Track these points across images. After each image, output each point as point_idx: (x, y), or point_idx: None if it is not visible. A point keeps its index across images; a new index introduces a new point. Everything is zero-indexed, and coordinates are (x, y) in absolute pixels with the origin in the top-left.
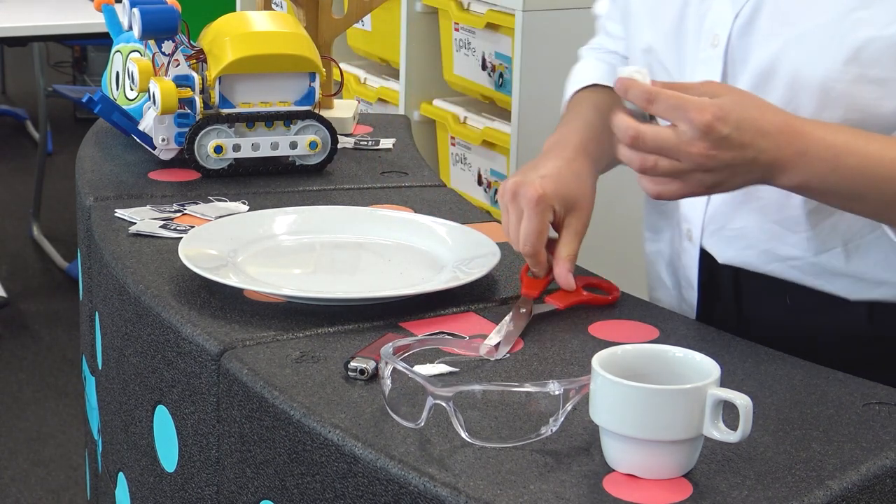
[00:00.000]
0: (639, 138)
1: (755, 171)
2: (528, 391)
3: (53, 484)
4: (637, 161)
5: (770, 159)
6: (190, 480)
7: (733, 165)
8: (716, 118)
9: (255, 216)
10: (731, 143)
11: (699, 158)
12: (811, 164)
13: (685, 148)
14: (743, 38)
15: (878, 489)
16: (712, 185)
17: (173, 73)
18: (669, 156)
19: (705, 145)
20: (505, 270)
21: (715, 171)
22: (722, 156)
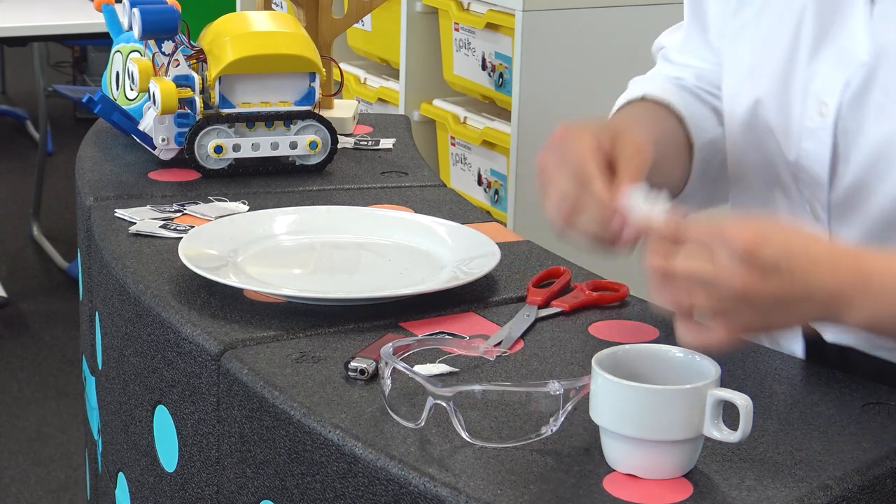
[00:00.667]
0: (670, 275)
1: (811, 307)
2: (528, 391)
3: (53, 484)
4: (672, 299)
5: (828, 294)
6: (190, 480)
7: (784, 301)
8: (758, 239)
9: (255, 216)
10: (779, 271)
11: (742, 290)
12: (878, 296)
13: (725, 279)
14: (855, 110)
15: (878, 489)
16: (761, 326)
17: (173, 73)
18: (707, 291)
19: (748, 273)
20: (505, 270)
21: (762, 309)
22: (768, 287)
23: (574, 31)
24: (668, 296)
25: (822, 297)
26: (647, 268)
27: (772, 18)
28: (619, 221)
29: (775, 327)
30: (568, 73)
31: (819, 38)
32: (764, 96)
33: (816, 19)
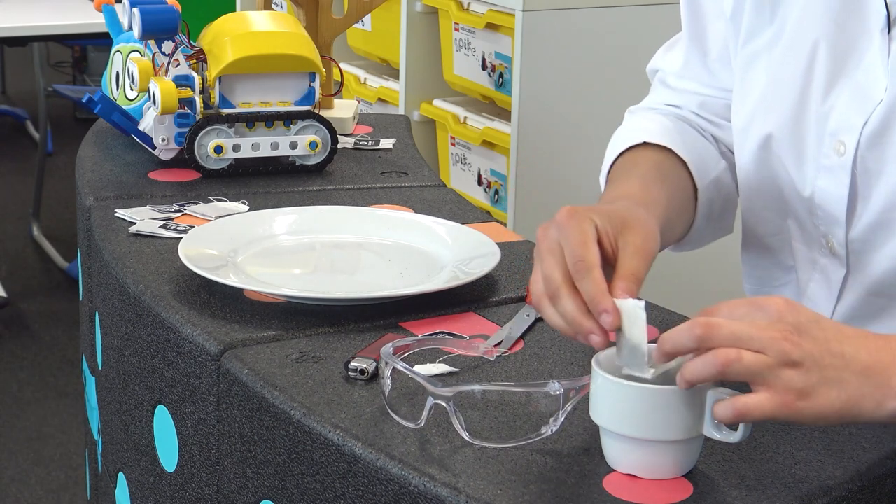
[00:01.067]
0: (714, 327)
1: (849, 379)
2: (528, 391)
3: (53, 484)
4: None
5: (864, 367)
6: (190, 480)
7: (822, 365)
8: (787, 304)
9: (255, 216)
10: (812, 333)
11: (783, 343)
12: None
13: (765, 333)
14: (875, 149)
15: (878, 489)
16: (804, 388)
17: (173, 73)
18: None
19: (784, 328)
20: (505, 270)
21: (804, 368)
22: (806, 344)
23: (574, 31)
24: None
25: (859, 369)
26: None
27: (784, 50)
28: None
29: (818, 399)
30: (568, 73)
31: (834, 73)
32: (776, 131)
33: (831, 53)
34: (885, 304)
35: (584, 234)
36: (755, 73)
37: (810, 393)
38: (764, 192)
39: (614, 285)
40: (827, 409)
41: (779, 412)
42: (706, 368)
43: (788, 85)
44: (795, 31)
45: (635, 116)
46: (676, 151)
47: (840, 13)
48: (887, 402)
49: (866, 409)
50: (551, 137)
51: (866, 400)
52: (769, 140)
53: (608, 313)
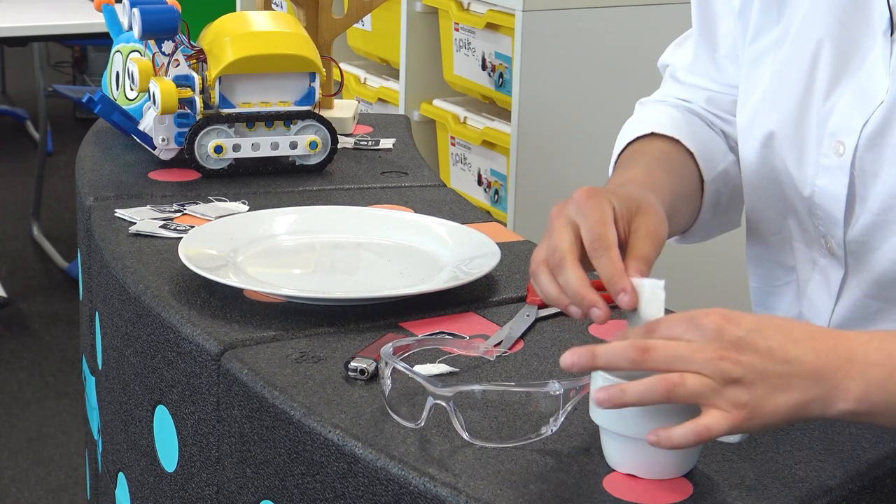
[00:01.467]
0: (649, 351)
1: (795, 384)
2: (528, 391)
3: (53, 484)
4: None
5: (812, 369)
6: (190, 480)
7: (765, 375)
8: (725, 319)
9: (255, 216)
10: (752, 346)
11: (721, 363)
12: (864, 372)
13: (701, 355)
14: (872, 150)
15: (878, 489)
16: (752, 402)
17: (173, 73)
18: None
19: (721, 347)
20: (505, 270)
21: (746, 383)
22: (745, 359)
23: (574, 31)
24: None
25: (806, 372)
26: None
27: (789, 49)
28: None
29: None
30: (568, 73)
31: (836, 74)
32: (778, 129)
33: (834, 53)
34: (882, 306)
35: (604, 214)
36: (761, 70)
37: (758, 405)
38: (765, 190)
39: (627, 265)
40: (776, 416)
41: (733, 428)
42: (650, 394)
43: (792, 84)
44: (800, 31)
45: (645, 108)
46: (684, 142)
47: (844, 14)
48: (835, 404)
49: (815, 411)
50: (551, 137)
51: (815, 403)
52: (771, 138)
53: (626, 293)
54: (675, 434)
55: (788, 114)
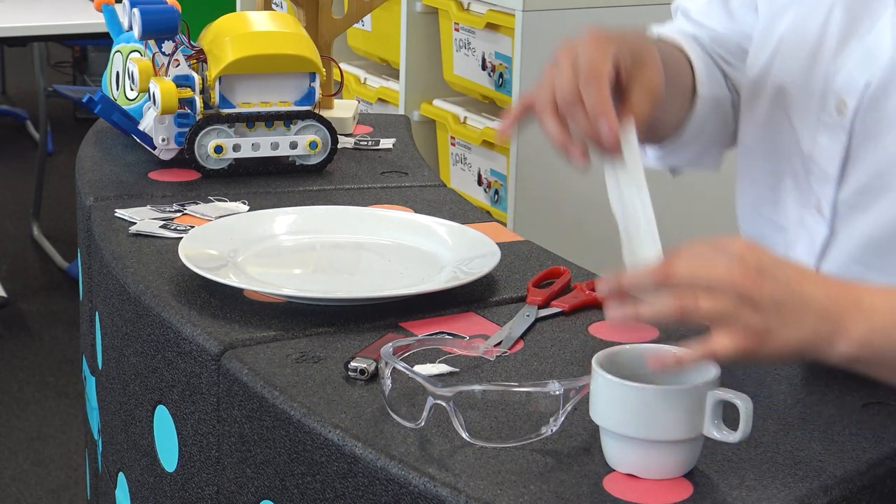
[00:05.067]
0: (672, 271)
1: (811, 320)
2: (528, 391)
3: (53, 484)
4: (675, 303)
5: (822, 307)
6: (190, 480)
7: (781, 304)
8: (749, 247)
9: (255, 216)
10: (773, 276)
11: (742, 287)
12: (870, 317)
13: (724, 278)
14: (873, 112)
15: (878, 489)
16: (763, 330)
17: (173, 73)
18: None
19: (745, 272)
20: (505, 270)
21: (763, 309)
22: (766, 287)
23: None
24: (671, 299)
25: (817, 310)
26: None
27: (807, 5)
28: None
29: (777, 339)
30: None
31: (847, 33)
32: (787, 83)
33: (846, 13)
34: (865, 273)
35: (605, 52)
36: (779, 23)
37: (770, 333)
38: (767, 143)
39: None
40: (785, 348)
41: (740, 353)
42: (664, 310)
43: (805, 39)
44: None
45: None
46: (687, 52)
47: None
48: (838, 345)
49: (820, 349)
50: None
51: (820, 341)
52: (779, 92)
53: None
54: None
55: (799, 68)
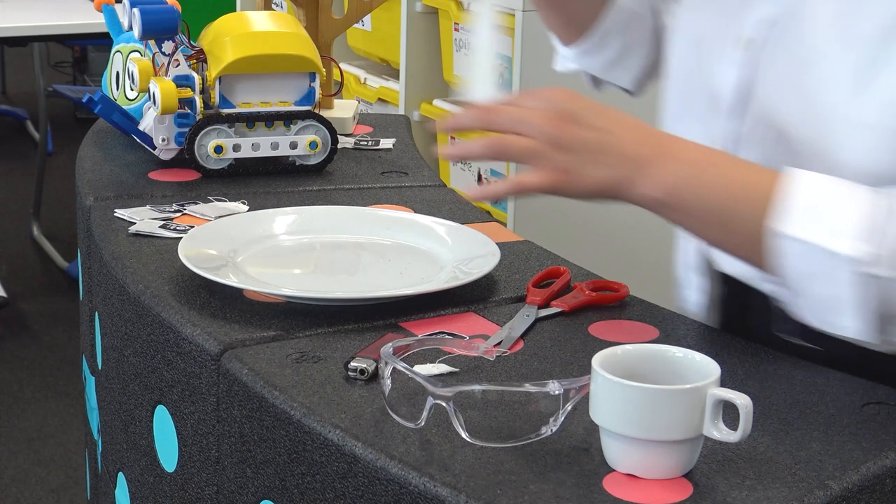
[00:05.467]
0: (493, 113)
1: (615, 162)
2: (528, 391)
3: (53, 484)
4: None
5: (632, 153)
6: (190, 480)
7: (590, 147)
8: (565, 95)
9: (255, 216)
10: (585, 122)
11: (552, 129)
12: (679, 168)
13: (538, 121)
14: (771, 48)
15: (878, 489)
16: (571, 168)
17: (173, 73)
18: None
19: (557, 117)
20: (505, 270)
21: (571, 151)
22: (576, 131)
23: None
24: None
25: (622, 153)
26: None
27: None
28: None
29: (585, 178)
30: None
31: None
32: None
33: None
34: None
35: None
36: None
37: (575, 172)
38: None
39: None
40: (590, 186)
41: (549, 188)
42: (488, 149)
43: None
44: None
45: None
46: None
47: None
48: (642, 186)
49: (623, 189)
50: None
51: (625, 181)
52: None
53: None
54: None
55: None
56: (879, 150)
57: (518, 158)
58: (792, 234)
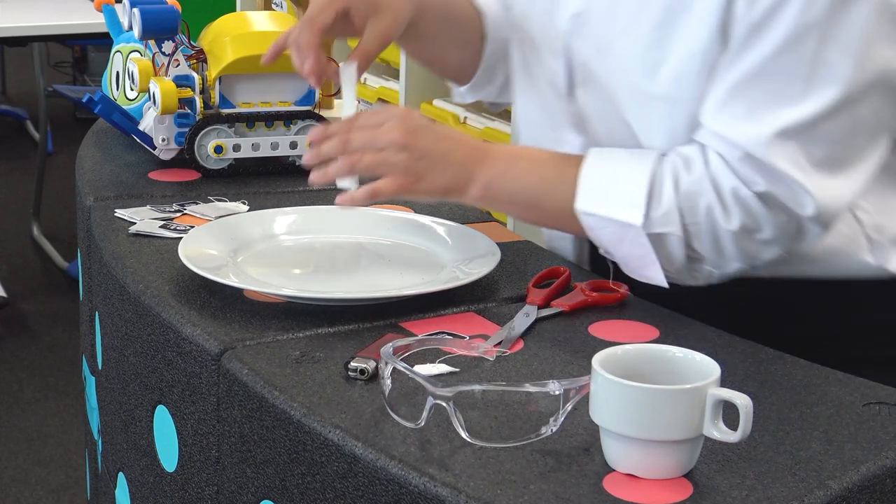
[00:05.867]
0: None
1: (450, 167)
2: (528, 391)
3: (53, 484)
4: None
5: (461, 158)
6: (190, 480)
7: (431, 155)
8: (410, 111)
9: (255, 216)
10: (428, 133)
11: (401, 139)
12: (492, 166)
13: (388, 134)
14: (578, 38)
15: (878, 489)
16: (416, 173)
17: (173, 73)
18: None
19: (406, 129)
20: (505, 270)
21: (416, 157)
22: (420, 141)
23: None
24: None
25: (456, 160)
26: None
27: None
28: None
29: (427, 182)
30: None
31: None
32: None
33: None
34: None
35: (333, 4)
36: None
37: (422, 176)
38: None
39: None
40: (434, 189)
41: (400, 192)
42: (341, 169)
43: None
44: None
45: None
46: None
47: None
48: (471, 188)
49: (460, 192)
50: None
51: (460, 185)
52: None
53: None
54: (356, 195)
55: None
56: (672, 117)
57: (372, 171)
58: (591, 211)
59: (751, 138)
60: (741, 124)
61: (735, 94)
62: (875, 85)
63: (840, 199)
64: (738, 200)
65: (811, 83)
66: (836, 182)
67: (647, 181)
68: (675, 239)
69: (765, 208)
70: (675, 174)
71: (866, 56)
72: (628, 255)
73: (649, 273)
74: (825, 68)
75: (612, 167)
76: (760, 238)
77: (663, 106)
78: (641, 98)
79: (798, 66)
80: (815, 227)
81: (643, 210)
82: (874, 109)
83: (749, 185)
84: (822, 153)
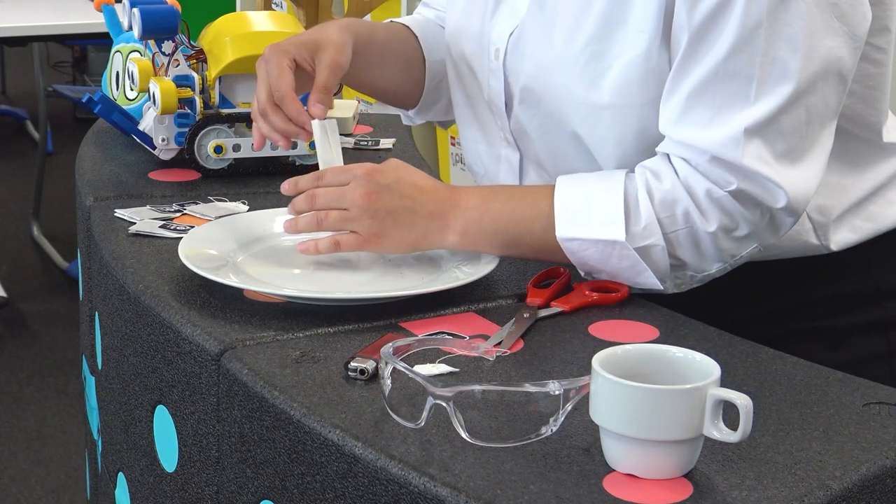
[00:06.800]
0: (315, 197)
1: (418, 222)
2: (528, 391)
3: (53, 484)
4: (314, 219)
5: (429, 212)
6: (190, 480)
7: (395, 214)
8: (375, 171)
9: (255, 216)
10: (391, 192)
11: (363, 202)
12: (465, 213)
13: (350, 195)
14: (515, 53)
15: (878, 489)
16: (379, 232)
17: (173, 73)
18: (339, 204)
19: (367, 190)
20: (505, 270)
21: (379, 217)
22: (383, 202)
23: None
24: (311, 217)
25: (425, 214)
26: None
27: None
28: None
29: (393, 239)
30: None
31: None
32: (468, 45)
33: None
34: (552, 178)
35: (281, 68)
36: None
37: (385, 235)
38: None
39: (310, 100)
40: (398, 245)
41: (364, 248)
42: (312, 226)
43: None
44: None
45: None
46: (411, 28)
47: None
48: (446, 237)
49: (434, 241)
50: None
51: (433, 236)
52: (464, 51)
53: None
54: (320, 243)
55: (474, 30)
56: (621, 125)
57: (338, 228)
58: (573, 236)
59: (716, 142)
60: (704, 130)
61: (693, 102)
62: (822, 74)
63: (808, 188)
64: (714, 201)
65: (765, 81)
66: (801, 172)
67: (621, 198)
68: (659, 249)
69: (739, 206)
70: (647, 187)
71: (812, 48)
72: (618, 267)
73: (642, 280)
74: (776, 65)
75: (584, 191)
76: (738, 235)
77: (609, 115)
78: (587, 110)
79: (750, 67)
80: (788, 217)
81: (623, 225)
82: (823, 97)
83: (721, 186)
84: (783, 146)
